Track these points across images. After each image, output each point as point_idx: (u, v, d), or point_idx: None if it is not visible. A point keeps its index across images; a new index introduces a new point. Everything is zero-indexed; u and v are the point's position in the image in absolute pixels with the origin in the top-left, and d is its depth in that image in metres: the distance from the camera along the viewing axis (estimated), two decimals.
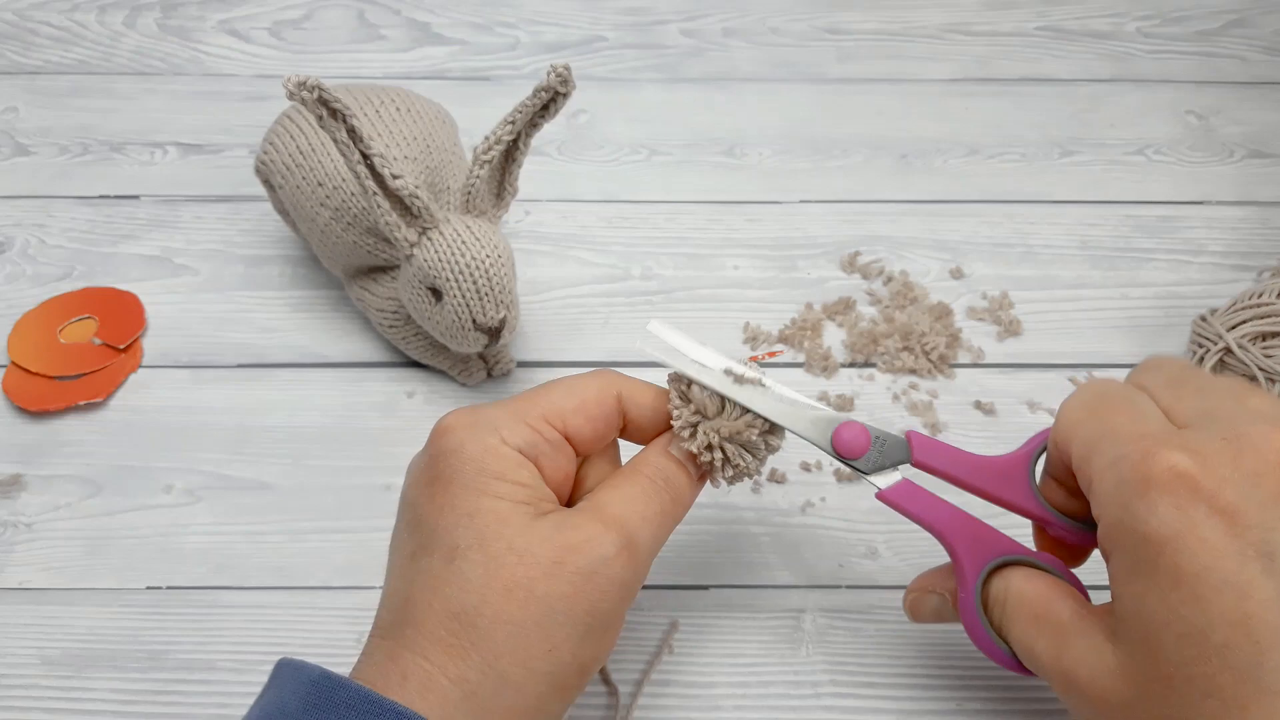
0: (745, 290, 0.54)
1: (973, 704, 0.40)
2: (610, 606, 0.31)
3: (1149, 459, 0.29)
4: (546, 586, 0.30)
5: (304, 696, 0.29)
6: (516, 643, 0.30)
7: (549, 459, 0.33)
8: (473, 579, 0.30)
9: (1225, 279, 0.54)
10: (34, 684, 0.40)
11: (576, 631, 0.31)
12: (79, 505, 0.45)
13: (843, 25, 0.68)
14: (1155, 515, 0.28)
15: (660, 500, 0.34)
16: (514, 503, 0.32)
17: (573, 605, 0.31)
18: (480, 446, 0.32)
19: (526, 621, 0.30)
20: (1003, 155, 0.61)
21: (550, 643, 0.30)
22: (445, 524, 0.31)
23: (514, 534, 0.31)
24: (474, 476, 0.32)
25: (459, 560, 0.31)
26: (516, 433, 0.33)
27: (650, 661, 0.40)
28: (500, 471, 0.32)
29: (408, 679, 0.30)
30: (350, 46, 0.66)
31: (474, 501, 0.31)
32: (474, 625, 0.30)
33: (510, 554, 0.31)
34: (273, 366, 0.50)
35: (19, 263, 0.54)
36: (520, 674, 0.30)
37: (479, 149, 0.43)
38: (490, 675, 0.30)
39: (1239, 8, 0.69)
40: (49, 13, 0.67)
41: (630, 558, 0.32)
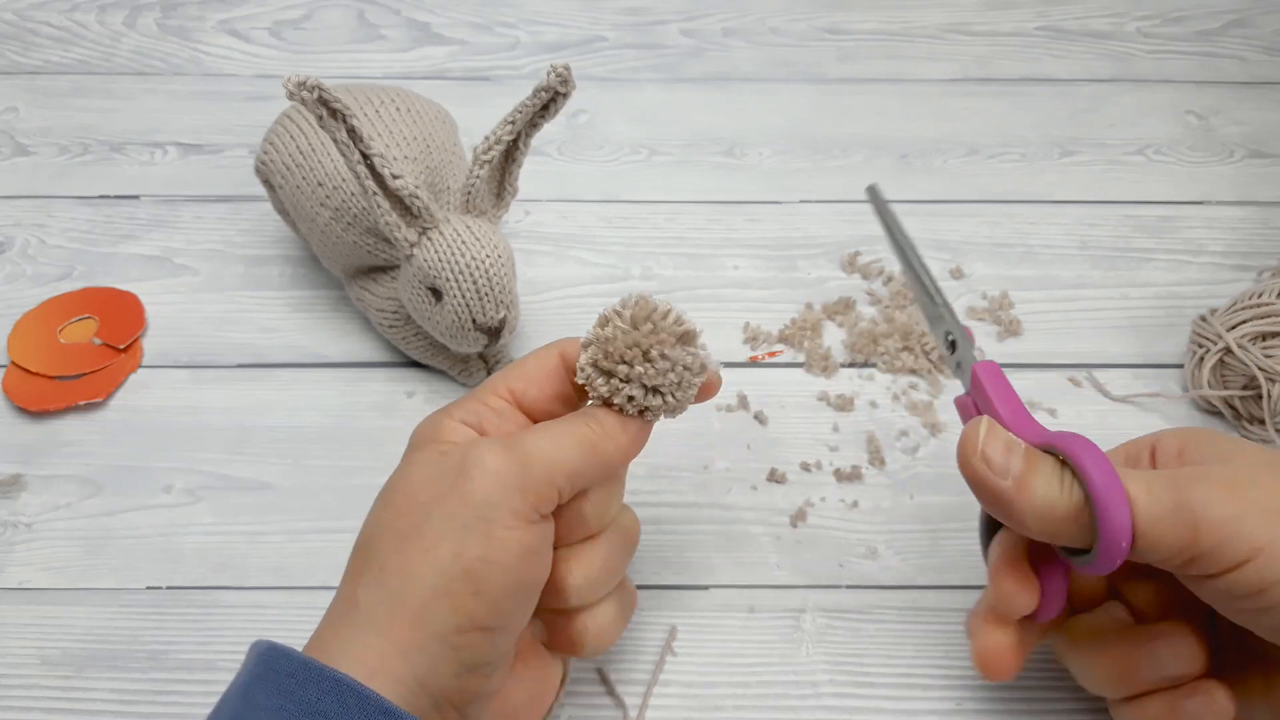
0: (745, 290, 0.54)
1: (972, 704, 0.40)
2: (487, 495, 0.31)
3: None
4: (424, 492, 0.31)
5: (251, 670, 0.30)
6: (397, 551, 0.31)
7: (493, 424, 0.34)
8: (375, 514, 0.33)
9: (1225, 279, 0.54)
10: (34, 684, 0.40)
11: (452, 526, 0.30)
12: (79, 505, 0.45)
13: (843, 25, 0.68)
14: None
15: (564, 421, 0.33)
16: (434, 454, 0.33)
17: (445, 500, 0.31)
18: (427, 424, 0.35)
19: (406, 530, 0.31)
20: (1003, 155, 0.61)
21: (427, 543, 0.31)
22: (384, 488, 0.34)
23: (411, 467, 0.33)
24: (413, 448, 0.34)
25: (372, 508, 0.33)
26: (463, 408, 0.34)
27: (654, 671, 0.40)
28: (434, 436, 0.34)
29: (327, 616, 0.32)
30: (350, 46, 0.66)
31: (403, 463, 0.34)
32: (368, 546, 0.32)
33: (402, 482, 0.33)
34: (273, 366, 0.50)
35: (19, 263, 0.54)
36: (400, 581, 0.30)
37: (479, 149, 0.43)
38: (375, 588, 0.31)
39: (1239, 8, 0.69)
40: (49, 13, 0.67)
41: (505, 450, 0.31)
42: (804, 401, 0.49)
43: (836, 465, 0.47)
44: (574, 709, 0.39)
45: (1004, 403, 0.34)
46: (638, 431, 0.34)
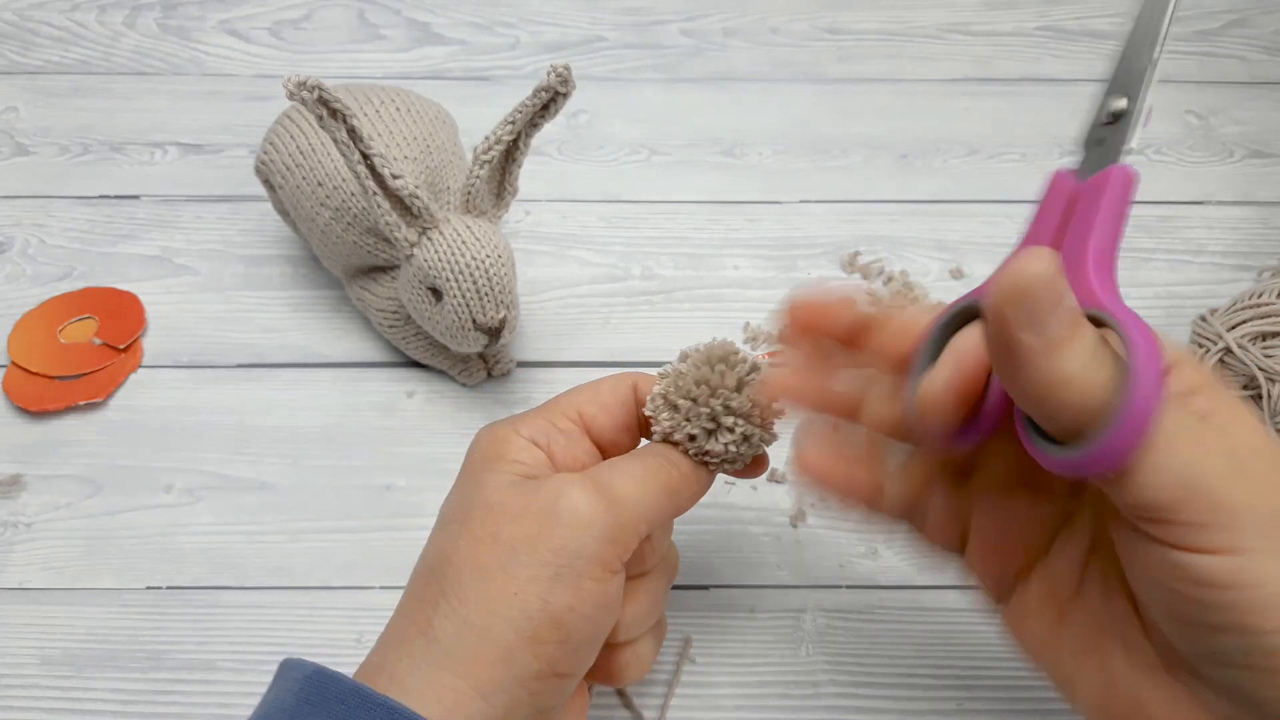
0: (745, 290, 0.54)
1: (973, 704, 0.40)
2: (578, 547, 0.30)
3: None
4: (512, 529, 0.31)
5: (297, 692, 0.29)
6: (480, 587, 0.30)
7: (561, 447, 0.34)
8: (449, 536, 0.32)
9: (1225, 279, 0.54)
10: (34, 684, 0.40)
11: (543, 573, 0.30)
12: (79, 505, 0.45)
13: (843, 25, 0.68)
14: None
15: (645, 461, 0.33)
16: (506, 475, 0.32)
17: (537, 544, 0.30)
18: (492, 437, 0.34)
19: (491, 565, 0.30)
20: (1003, 155, 0.61)
21: (515, 585, 0.30)
22: (447, 505, 0.33)
23: (488, 493, 0.32)
24: (480, 461, 0.33)
25: (445, 526, 0.32)
26: (530, 425, 0.34)
27: (671, 681, 0.40)
28: (502, 454, 0.33)
29: (393, 640, 0.31)
30: (350, 46, 0.66)
31: (472, 479, 0.33)
32: (443, 574, 0.31)
33: (482, 508, 0.31)
34: (273, 366, 0.50)
35: (19, 263, 0.54)
36: (483, 618, 0.30)
37: (479, 149, 0.43)
38: (453, 619, 0.30)
39: (1239, 8, 0.69)
40: (49, 13, 0.67)
41: (600, 497, 0.31)
42: None
43: None
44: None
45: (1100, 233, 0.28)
46: (706, 479, 0.35)
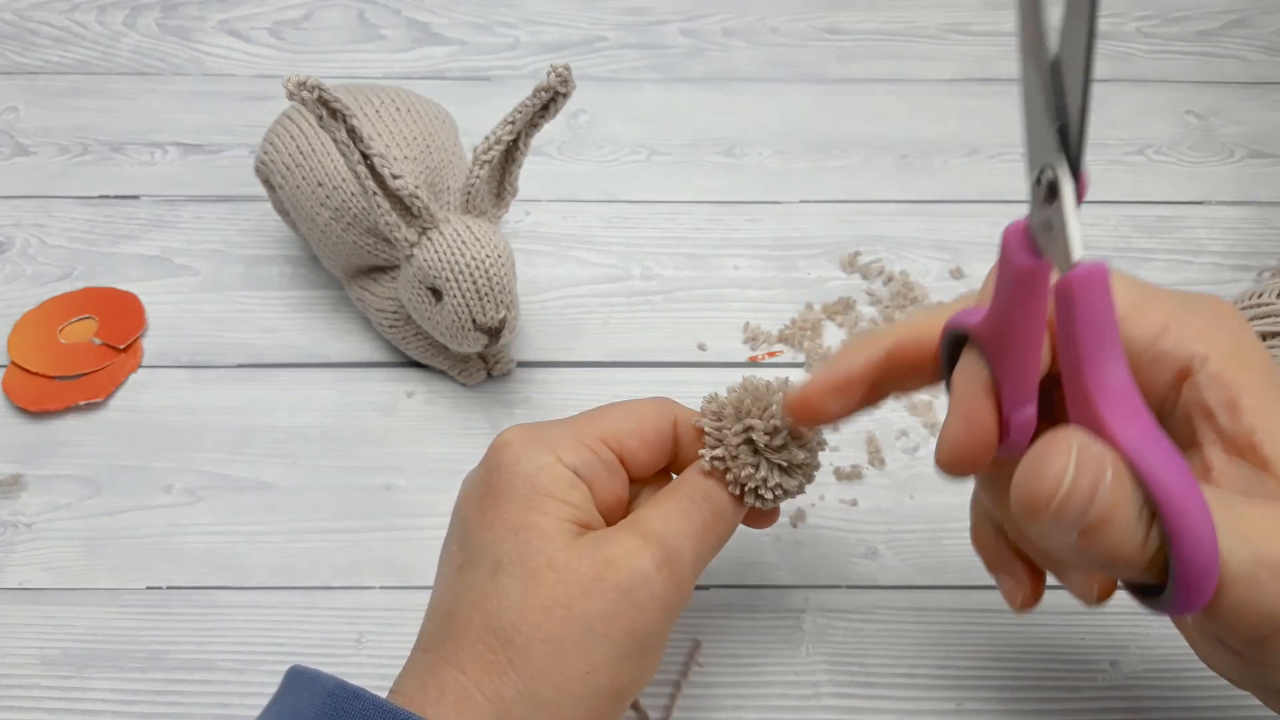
0: (745, 290, 0.54)
1: (973, 704, 0.40)
2: (651, 626, 0.31)
3: None
4: (585, 605, 0.30)
5: (319, 707, 0.28)
6: (553, 662, 0.29)
7: (602, 480, 0.33)
8: (512, 594, 0.30)
9: (1225, 279, 0.54)
10: (34, 684, 0.40)
11: (616, 653, 0.30)
12: (79, 505, 0.45)
13: (843, 25, 0.68)
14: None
15: (700, 515, 0.33)
16: (560, 520, 0.31)
17: (611, 625, 0.30)
18: (535, 464, 0.32)
19: (564, 640, 0.29)
20: (1003, 155, 0.61)
21: (588, 664, 0.30)
22: (492, 538, 0.31)
23: (555, 550, 0.30)
24: (525, 493, 0.31)
25: (501, 575, 0.30)
26: (573, 452, 0.32)
27: (677, 685, 0.40)
28: (551, 490, 0.31)
29: (445, 693, 0.29)
30: (350, 46, 0.66)
31: (521, 517, 0.31)
32: (511, 642, 0.29)
33: (550, 570, 0.30)
34: (273, 366, 0.50)
35: (19, 263, 0.54)
36: (555, 695, 0.29)
37: (479, 149, 0.43)
38: (525, 695, 0.29)
39: (1239, 8, 0.69)
40: (49, 13, 0.67)
41: (671, 573, 0.31)
42: None
43: (836, 465, 0.46)
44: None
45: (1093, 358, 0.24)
46: (742, 515, 0.35)
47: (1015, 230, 0.25)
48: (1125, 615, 0.41)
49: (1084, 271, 0.24)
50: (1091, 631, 0.41)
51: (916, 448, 0.47)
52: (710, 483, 0.34)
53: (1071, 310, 0.24)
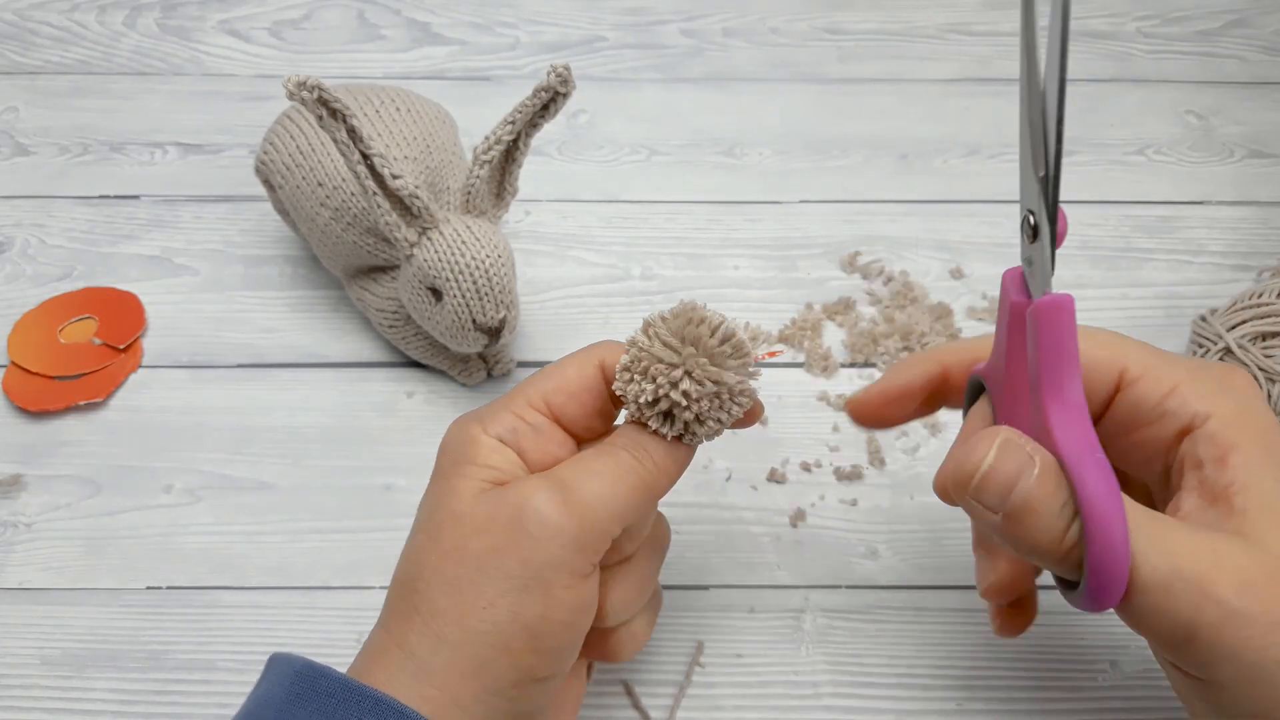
0: (745, 290, 0.54)
1: (973, 704, 0.40)
2: (546, 556, 0.30)
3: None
4: (477, 542, 0.30)
5: (288, 687, 0.29)
6: (451, 601, 0.30)
7: (532, 442, 0.33)
8: (418, 547, 0.32)
9: (1225, 279, 0.54)
10: (34, 684, 0.40)
11: (512, 585, 0.30)
12: (79, 505, 0.45)
13: (843, 25, 0.68)
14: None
15: (616, 457, 0.32)
16: (475, 480, 0.32)
17: (503, 557, 0.30)
18: (462, 437, 0.33)
19: (460, 579, 0.30)
20: (1003, 155, 0.61)
21: (485, 599, 0.30)
22: (420, 508, 0.33)
23: (458, 502, 0.31)
24: (450, 465, 0.33)
25: (414, 534, 0.32)
26: (499, 421, 0.33)
27: (680, 685, 0.40)
28: (472, 456, 0.32)
29: (373, 651, 0.31)
30: (350, 46, 0.66)
31: (444, 484, 0.32)
32: (415, 590, 0.31)
33: (450, 519, 0.31)
34: (273, 366, 0.50)
35: (19, 263, 0.54)
36: (456, 633, 0.30)
37: (479, 149, 0.43)
38: (430, 638, 0.30)
39: (1239, 8, 0.69)
40: (49, 13, 0.67)
41: (564, 504, 0.30)
42: (804, 401, 0.49)
43: (836, 465, 0.47)
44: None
45: (1051, 374, 0.28)
46: (683, 458, 0.33)
47: (1012, 273, 0.30)
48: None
49: (1051, 300, 0.28)
50: (1091, 631, 0.41)
51: (916, 448, 0.47)
52: (629, 427, 0.33)
53: (1037, 332, 0.28)
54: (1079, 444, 0.28)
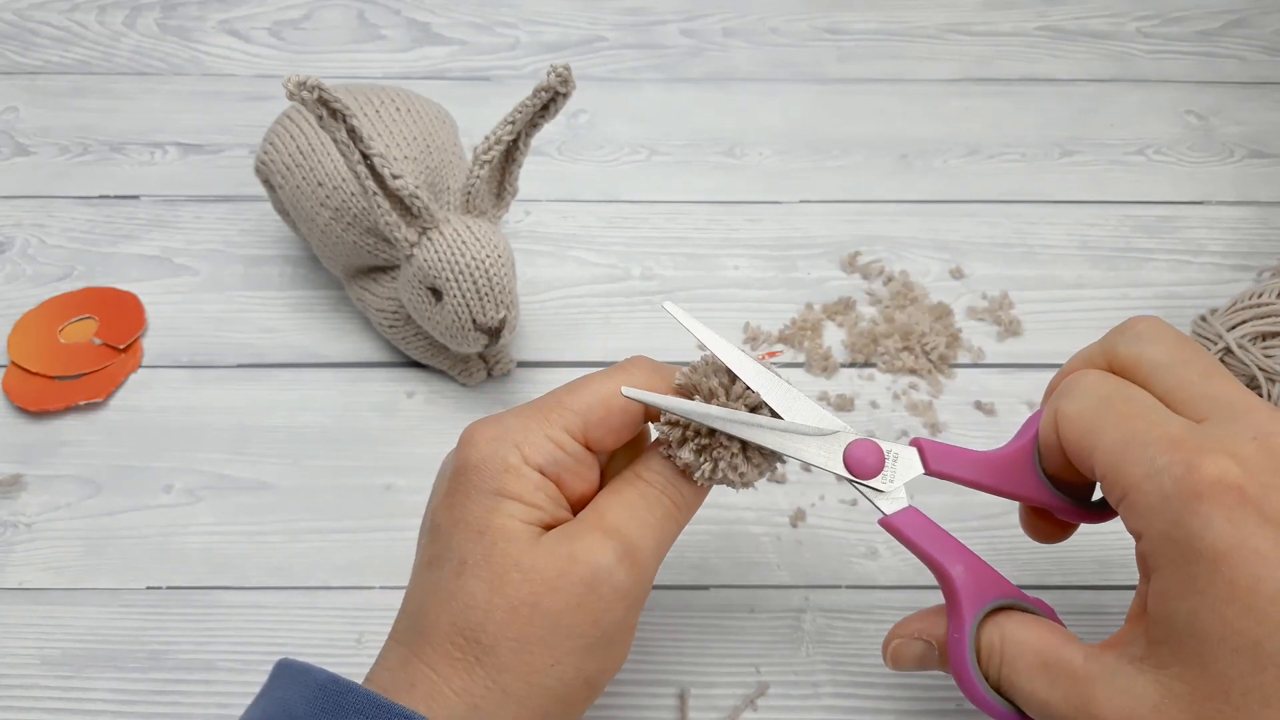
0: (745, 290, 0.54)
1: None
2: (615, 618, 0.31)
3: (1193, 471, 0.28)
4: (550, 602, 0.30)
5: (311, 700, 0.29)
6: (520, 658, 0.30)
7: (571, 473, 0.33)
8: (479, 595, 0.30)
9: (1225, 279, 0.54)
10: (34, 684, 0.40)
11: (580, 645, 0.31)
12: (79, 505, 0.45)
13: (843, 25, 0.68)
14: (1210, 530, 0.27)
15: (661, 505, 0.33)
16: (524, 522, 0.31)
17: (576, 619, 0.30)
18: (501, 465, 0.32)
19: (531, 638, 0.30)
20: (1003, 155, 0.61)
21: (553, 657, 0.30)
22: (458, 538, 0.31)
23: (520, 551, 0.31)
24: (490, 496, 0.32)
25: (466, 576, 0.31)
26: (539, 450, 0.32)
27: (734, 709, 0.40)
28: (517, 493, 0.32)
29: (415, 687, 0.30)
30: (350, 46, 0.66)
31: (485, 519, 0.31)
32: (478, 641, 0.30)
33: (515, 571, 0.31)
34: (273, 366, 0.50)
35: (19, 263, 0.54)
36: (523, 688, 0.30)
37: (479, 149, 0.43)
38: (494, 690, 0.30)
39: (1239, 8, 0.69)
40: (49, 13, 0.67)
41: (632, 565, 0.31)
42: None
43: None
44: None
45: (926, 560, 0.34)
46: (704, 496, 0.35)
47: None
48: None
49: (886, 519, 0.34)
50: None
51: None
52: (672, 469, 0.34)
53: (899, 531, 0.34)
54: (954, 626, 0.33)
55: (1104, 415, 0.32)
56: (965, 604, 0.33)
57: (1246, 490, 0.28)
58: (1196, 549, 0.28)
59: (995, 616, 0.33)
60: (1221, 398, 0.30)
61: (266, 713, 0.30)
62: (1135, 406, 0.31)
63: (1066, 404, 0.33)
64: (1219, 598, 0.27)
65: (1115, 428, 0.31)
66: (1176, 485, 0.28)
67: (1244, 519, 0.27)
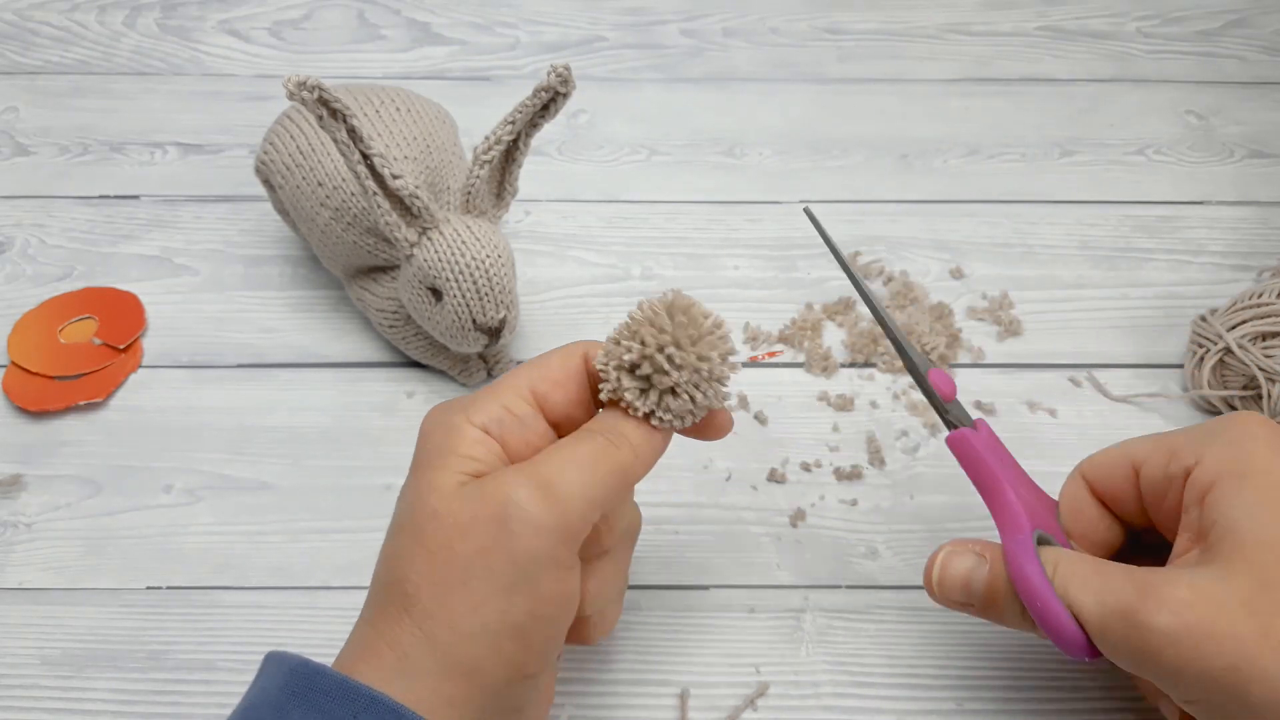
0: (745, 290, 0.54)
1: (973, 704, 0.40)
2: (531, 552, 0.30)
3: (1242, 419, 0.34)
4: (463, 544, 0.30)
5: (283, 684, 0.29)
6: (440, 604, 0.30)
7: (517, 434, 0.33)
8: (403, 546, 0.31)
9: (1225, 279, 0.54)
10: (34, 684, 0.40)
11: (499, 585, 0.30)
12: (79, 505, 0.45)
13: (843, 25, 0.68)
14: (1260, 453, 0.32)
15: (592, 442, 0.32)
16: (456, 473, 0.31)
17: (491, 559, 0.30)
18: (444, 427, 0.33)
19: (449, 581, 0.30)
20: (1003, 155, 0.61)
21: (473, 601, 0.30)
22: (402, 501, 0.32)
23: (439, 499, 0.31)
24: (433, 455, 0.32)
25: (395, 532, 0.32)
26: (483, 410, 0.33)
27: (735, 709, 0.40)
28: (454, 447, 0.32)
29: (360, 648, 0.31)
30: (350, 46, 0.66)
31: (426, 478, 0.32)
32: (404, 592, 0.30)
33: (433, 519, 0.31)
34: (273, 366, 0.50)
35: (19, 263, 0.54)
36: (447, 635, 0.30)
37: (479, 149, 0.43)
38: (421, 639, 0.30)
39: (1239, 8, 0.69)
40: (49, 13, 0.67)
41: (545, 496, 0.30)
42: (804, 401, 0.49)
43: (836, 465, 0.47)
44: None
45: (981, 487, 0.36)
46: (659, 444, 0.33)
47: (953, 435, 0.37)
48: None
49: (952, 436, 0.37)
50: None
51: (916, 448, 0.47)
52: (607, 413, 0.33)
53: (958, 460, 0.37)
54: (1011, 537, 0.34)
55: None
56: (1026, 516, 0.34)
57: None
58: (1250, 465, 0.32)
59: (1047, 547, 0.34)
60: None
61: (249, 700, 0.30)
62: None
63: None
64: (1272, 503, 0.31)
65: (1148, 439, 0.36)
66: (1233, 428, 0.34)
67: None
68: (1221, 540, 0.31)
